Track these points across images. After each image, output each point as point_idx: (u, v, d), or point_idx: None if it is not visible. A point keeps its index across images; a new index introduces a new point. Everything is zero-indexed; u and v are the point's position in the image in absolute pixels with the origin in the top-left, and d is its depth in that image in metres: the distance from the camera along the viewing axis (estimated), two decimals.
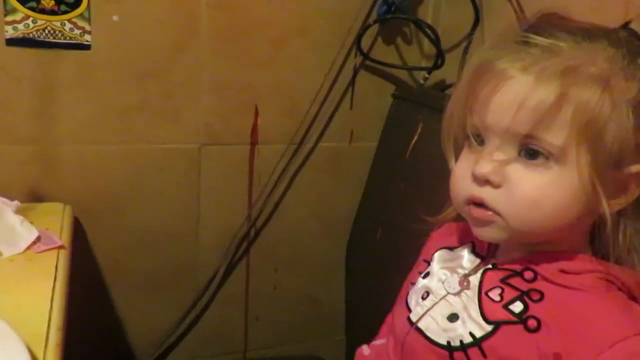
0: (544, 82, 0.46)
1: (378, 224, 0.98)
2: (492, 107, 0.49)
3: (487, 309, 0.52)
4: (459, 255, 0.59)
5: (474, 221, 0.52)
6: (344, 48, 1.00)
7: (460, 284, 0.55)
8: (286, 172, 1.03)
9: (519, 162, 0.48)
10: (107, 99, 0.89)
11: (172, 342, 1.05)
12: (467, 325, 0.52)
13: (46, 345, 0.54)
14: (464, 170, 0.52)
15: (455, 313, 0.53)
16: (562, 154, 0.47)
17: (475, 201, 0.50)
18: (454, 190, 0.54)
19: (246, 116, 0.98)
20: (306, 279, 1.12)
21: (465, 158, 0.53)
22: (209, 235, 1.02)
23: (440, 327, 0.53)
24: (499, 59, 0.49)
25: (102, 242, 0.95)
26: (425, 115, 0.92)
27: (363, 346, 0.67)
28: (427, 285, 0.58)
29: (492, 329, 0.50)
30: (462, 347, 0.51)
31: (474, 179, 0.50)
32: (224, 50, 0.94)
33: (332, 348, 1.16)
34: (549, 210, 0.48)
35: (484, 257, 0.56)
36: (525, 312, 0.49)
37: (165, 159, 0.95)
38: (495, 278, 0.53)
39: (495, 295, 0.52)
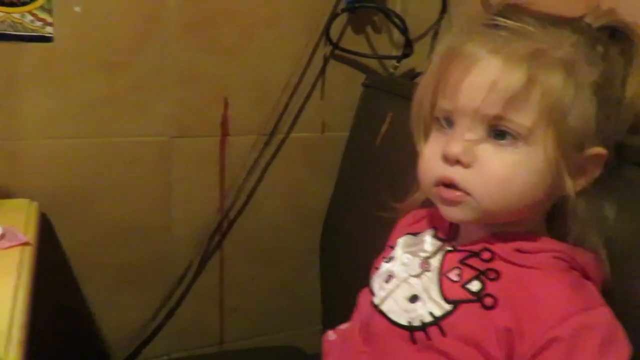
0: (513, 64, 0.47)
1: (350, 213, 0.99)
2: (463, 89, 0.50)
3: (447, 289, 0.53)
4: (422, 240, 0.60)
5: (443, 202, 0.53)
6: (314, 37, 1.00)
7: (421, 266, 0.56)
8: (258, 163, 1.03)
9: (488, 142, 0.50)
10: (72, 92, 0.87)
11: (147, 336, 1.04)
12: (427, 305, 0.53)
13: (8, 343, 0.53)
14: (434, 152, 0.53)
15: (416, 294, 0.54)
16: (530, 134, 0.48)
17: (445, 182, 0.51)
18: (423, 172, 0.54)
19: (216, 107, 0.98)
20: (282, 269, 1.12)
21: (434, 141, 0.54)
22: (182, 227, 1.01)
23: (401, 309, 0.54)
24: (468, 42, 0.50)
25: (72, 238, 0.93)
26: (395, 104, 0.92)
27: (329, 332, 0.68)
28: (390, 269, 0.59)
29: (452, 307, 0.51)
30: (422, 327, 0.52)
31: (444, 160, 0.51)
32: (191, 40, 0.92)
33: (310, 338, 1.16)
34: (518, 189, 0.49)
35: (445, 241, 0.57)
36: (483, 290, 0.51)
37: (135, 152, 0.94)
38: (454, 259, 0.55)
39: (454, 275, 0.53)
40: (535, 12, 0.52)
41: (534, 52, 0.48)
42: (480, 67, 0.49)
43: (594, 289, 0.51)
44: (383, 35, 1.07)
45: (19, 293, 0.61)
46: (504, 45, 0.48)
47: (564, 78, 0.48)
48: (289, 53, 0.99)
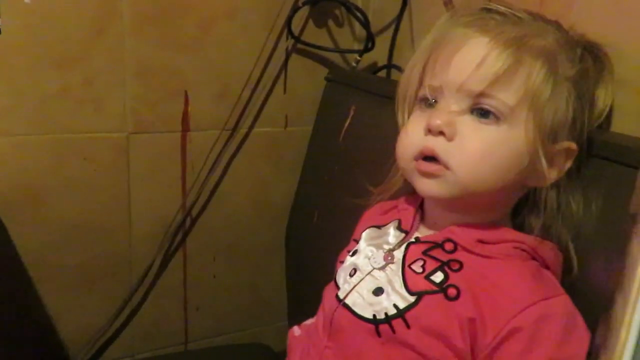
0: (502, 45, 0.49)
1: (314, 208, 0.98)
2: (452, 65, 0.51)
3: (410, 281, 0.53)
4: (386, 232, 0.60)
5: (421, 175, 0.53)
6: (275, 31, 0.99)
7: (385, 258, 0.56)
8: (221, 158, 1.01)
9: (470, 119, 0.51)
10: (23, 87, 0.84)
11: (108, 338, 1.01)
12: (391, 297, 0.53)
13: None
14: (415, 127, 0.53)
15: (380, 287, 0.54)
16: (512, 114, 0.49)
17: (425, 153, 0.51)
18: (403, 146, 0.55)
19: (176, 102, 0.95)
20: (246, 266, 1.11)
21: (416, 120, 0.55)
22: (142, 226, 0.98)
23: (366, 302, 0.54)
24: (460, 24, 0.52)
25: (26, 239, 0.90)
26: (357, 98, 0.92)
27: (294, 327, 0.68)
28: (355, 263, 0.59)
29: (415, 299, 0.52)
30: (386, 320, 0.52)
31: (427, 132, 0.52)
32: (148, 33, 0.90)
33: (275, 335, 1.16)
34: (496, 166, 0.50)
35: (408, 233, 0.58)
36: (446, 281, 0.51)
37: (90, 149, 0.91)
38: (417, 251, 0.55)
39: (418, 267, 0.54)
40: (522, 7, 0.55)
41: (521, 37, 0.50)
42: (470, 45, 0.50)
43: (553, 278, 0.52)
44: (345, 29, 1.06)
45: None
46: (495, 27, 0.51)
47: (547, 67, 0.50)
48: (250, 46, 0.98)
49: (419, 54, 0.55)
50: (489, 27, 0.51)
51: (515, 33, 0.50)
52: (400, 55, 0.99)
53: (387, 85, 0.94)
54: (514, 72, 0.49)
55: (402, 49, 0.98)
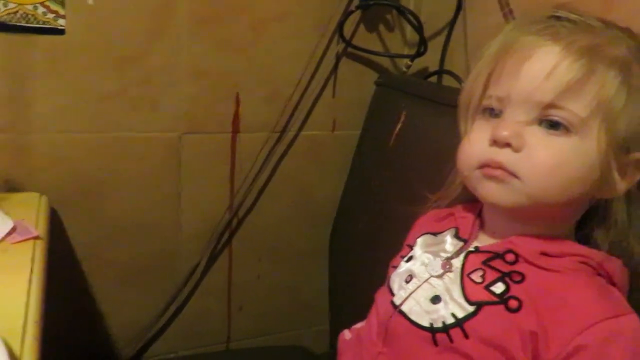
0: (574, 54, 0.47)
1: (362, 212, 0.98)
2: (520, 75, 0.49)
3: (469, 290, 0.52)
4: (442, 239, 0.59)
5: (487, 179, 0.51)
6: (326, 35, 0.99)
7: (442, 266, 0.55)
8: (268, 161, 1.02)
9: (539, 129, 0.49)
10: (83, 85, 0.86)
11: (154, 334, 1.03)
12: (449, 306, 0.52)
13: (23, 338, 0.52)
14: (479, 137, 0.52)
15: (437, 295, 0.53)
16: (583, 126, 0.48)
17: (491, 165, 0.50)
18: (466, 155, 0.53)
19: (227, 104, 0.97)
20: (289, 268, 1.11)
21: (479, 128, 0.53)
22: (191, 224, 1.00)
23: (423, 309, 0.53)
24: (528, 33, 0.50)
25: (80, 233, 0.92)
26: (408, 103, 0.91)
27: (345, 331, 0.68)
28: (410, 269, 0.58)
29: (474, 309, 0.50)
30: (444, 328, 0.51)
31: (492, 143, 0.50)
32: (202, 35, 0.91)
33: (316, 338, 1.15)
34: (566, 178, 0.48)
35: (466, 241, 0.57)
36: (507, 292, 0.50)
37: (145, 148, 0.93)
38: (477, 260, 0.54)
39: (477, 277, 0.52)
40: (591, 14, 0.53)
41: (594, 46, 0.48)
42: (540, 54, 0.49)
43: (620, 295, 0.50)
44: (396, 33, 1.06)
45: (32, 288, 0.60)
46: (566, 35, 0.49)
47: (621, 77, 0.48)
48: (301, 50, 0.98)
49: (484, 62, 0.54)
50: (560, 35, 0.49)
51: (587, 41, 0.48)
52: (453, 60, 0.97)
53: (439, 90, 0.93)
54: (585, 82, 0.47)
55: (455, 55, 0.97)
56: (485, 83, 0.53)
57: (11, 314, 0.55)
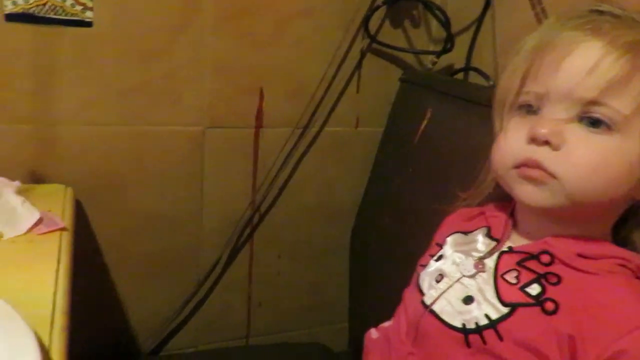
0: (618, 49, 0.46)
1: (385, 210, 0.97)
2: (559, 71, 0.48)
3: (503, 291, 0.51)
4: (474, 239, 0.58)
5: (524, 181, 0.50)
6: (351, 30, 0.98)
7: (475, 266, 0.54)
8: (291, 157, 1.01)
9: (579, 127, 0.48)
10: (108, 78, 0.86)
11: (174, 327, 1.03)
12: (482, 307, 0.51)
13: (51, 329, 0.52)
14: (516, 135, 0.51)
15: (470, 295, 0.52)
16: (626, 123, 0.46)
17: (528, 164, 0.49)
18: (502, 154, 0.52)
19: (251, 99, 0.96)
20: (310, 265, 1.11)
21: (516, 127, 0.52)
22: (212, 219, 1.00)
23: (455, 310, 0.52)
24: (569, 27, 0.49)
25: (104, 225, 0.93)
26: (434, 100, 0.90)
27: (372, 330, 0.67)
28: (441, 268, 0.57)
29: (509, 311, 0.49)
30: (477, 330, 0.50)
31: (530, 141, 0.49)
32: (227, 29, 0.91)
33: (335, 335, 1.15)
34: (607, 179, 0.47)
35: (499, 241, 0.55)
36: (543, 294, 0.49)
37: (168, 142, 0.93)
38: (511, 261, 0.53)
39: (512, 277, 0.51)
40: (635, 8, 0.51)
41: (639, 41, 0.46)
42: (581, 50, 0.47)
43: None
44: (421, 29, 1.05)
45: (59, 279, 0.60)
46: (610, 30, 0.47)
47: None
48: (326, 45, 0.98)
49: (521, 58, 0.52)
50: (602, 30, 0.47)
51: (632, 37, 0.46)
52: (480, 57, 0.96)
53: (466, 88, 0.92)
54: (630, 79, 0.46)
55: (482, 52, 0.95)
56: (523, 79, 0.51)
57: (39, 305, 0.55)
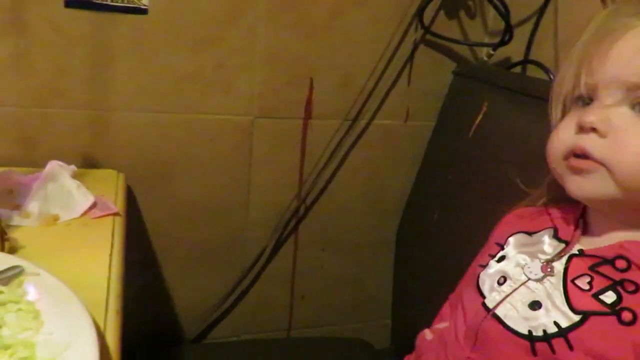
0: None
1: (434, 205, 0.94)
2: (610, 58, 0.47)
3: (574, 298, 0.48)
4: (539, 240, 0.55)
5: (573, 171, 0.49)
6: (405, 21, 0.96)
7: (543, 269, 0.51)
8: (339, 149, 1.00)
9: (629, 113, 0.46)
10: (162, 66, 0.87)
11: (218, 316, 1.04)
12: (551, 314, 0.48)
13: (106, 312, 0.53)
14: (567, 125, 0.50)
15: (537, 300, 0.50)
16: None
17: (576, 151, 0.48)
18: (553, 145, 0.52)
19: (300, 89, 0.95)
20: (354, 259, 1.09)
21: (569, 117, 0.52)
22: (258, 210, 1.00)
23: (520, 315, 0.50)
24: (621, 15, 0.48)
25: (153, 212, 0.94)
26: (490, 94, 0.86)
27: (425, 330, 0.64)
28: (504, 270, 0.54)
29: (580, 319, 0.46)
30: (545, 338, 0.47)
31: (578, 129, 0.48)
32: (280, 18, 0.90)
33: (377, 332, 1.13)
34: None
35: (567, 243, 0.52)
36: (619, 303, 0.46)
37: (217, 130, 0.93)
38: (582, 265, 0.49)
39: (584, 283, 0.48)
40: None
41: None
42: (629, 36, 0.46)
43: None
44: (477, 21, 1.01)
45: (113, 263, 0.61)
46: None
47: None
48: (378, 36, 0.95)
49: (575, 50, 0.51)
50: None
51: None
52: (540, 50, 0.92)
53: (525, 81, 0.88)
54: None
55: (543, 43, 0.91)
56: (577, 71, 0.51)
57: (94, 288, 0.56)
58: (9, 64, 0.80)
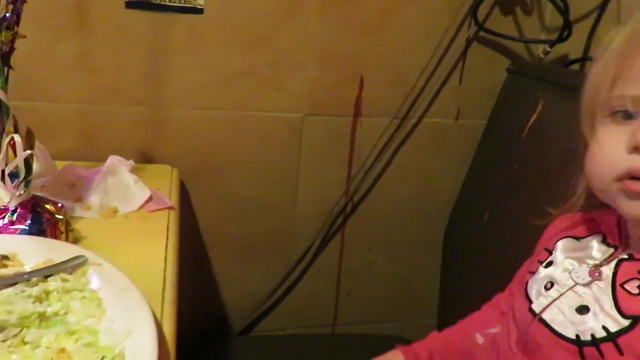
0: None
1: (484, 206, 0.92)
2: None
3: (623, 302, 0.47)
4: (588, 245, 0.53)
5: (629, 196, 0.46)
6: (458, 17, 0.94)
7: (590, 274, 0.50)
8: (388, 147, 0.99)
9: None
10: (216, 64, 0.89)
11: (264, 310, 1.06)
12: (599, 318, 0.47)
13: (162, 302, 0.55)
14: (615, 144, 0.47)
15: (585, 305, 0.49)
16: None
17: (636, 175, 0.45)
18: (601, 166, 0.48)
19: (351, 87, 0.95)
20: (400, 258, 1.09)
21: (611, 134, 0.48)
22: (306, 206, 1.01)
23: (567, 319, 0.49)
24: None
25: (204, 207, 0.96)
26: (547, 92, 0.84)
27: (476, 334, 0.64)
28: (551, 275, 0.53)
29: (630, 323, 0.45)
30: (594, 342, 0.46)
31: (633, 150, 0.45)
32: (332, 16, 0.90)
33: (423, 331, 1.11)
34: None
35: (617, 248, 0.51)
36: None
37: (267, 128, 0.94)
38: (632, 269, 0.48)
39: (633, 287, 0.47)
40: None
41: None
42: None
43: None
44: (533, 17, 0.98)
45: (169, 254, 0.63)
46: None
47: None
48: (430, 33, 0.94)
49: (609, 57, 0.48)
50: None
51: None
52: None
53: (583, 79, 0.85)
54: None
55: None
56: (613, 81, 0.47)
57: (151, 278, 0.58)
58: (73, 62, 0.84)
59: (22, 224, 0.58)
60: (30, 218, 0.59)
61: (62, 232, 0.61)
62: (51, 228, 0.60)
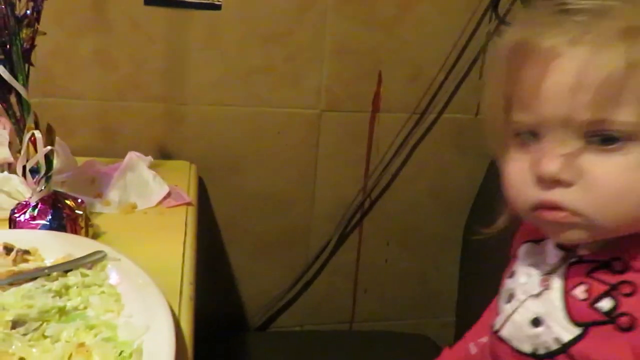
0: (604, 51, 0.38)
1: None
2: (543, 94, 0.41)
3: (573, 310, 0.44)
4: (544, 249, 0.50)
5: (550, 226, 0.44)
6: (478, 12, 0.93)
7: (541, 284, 0.48)
8: (406, 143, 0.99)
9: (589, 151, 0.40)
10: (233, 60, 0.89)
11: (282, 306, 1.06)
12: (552, 330, 0.45)
13: (180, 297, 0.55)
14: (522, 173, 0.44)
15: (537, 317, 0.46)
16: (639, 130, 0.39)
17: (546, 206, 0.43)
18: (515, 197, 0.46)
19: (368, 82, 0.95)
20: (418, 255, 1.08)
21: (517, 159, 0.45)
22: (324, 203, 1.00)
23: (524, 334, 0.47)
24: (538, 35, 0.41)
25: (222, 202, 0.97)
26: None
27: (470, 344, 0.63)
28: (511, 287, 0.51)
29: (581, 331, 0.43)
30: (548, 355, 0.45)
31: (538, 181, 0.42)
32: (349, 11, 0.90)
33: (440, 329, 1.11)
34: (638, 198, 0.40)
35: (570, 250, 0.48)
36: (616, 309, 0.42)
37: (286, 123, 0.94)
38: (581, 272, 0.46)
39: (581, 292, 0.44)
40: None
41: (626, 31, 0.38)
42: (561, 64, 0.40)
43: None
44: None
45: (186, 250, 0.63)
46: (586, 32, 0.39)
47: None
48: (450, 28, 0.93)
49: (496, 78, 0.45)
50: (578, 33, 0.39)
51: (615, 30, 0.38)
52: None
53: None
54: (625, 80, 0.38)
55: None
56: (506, 106, 0.44)
57: (168, 274, 0.58)
58: (92, 59, 0.85)
59: (43, 219, 0.59)
60: (50, 213, 0.59)
61: (82, 227, 0.61)
62: (71, 223, 0.60)
